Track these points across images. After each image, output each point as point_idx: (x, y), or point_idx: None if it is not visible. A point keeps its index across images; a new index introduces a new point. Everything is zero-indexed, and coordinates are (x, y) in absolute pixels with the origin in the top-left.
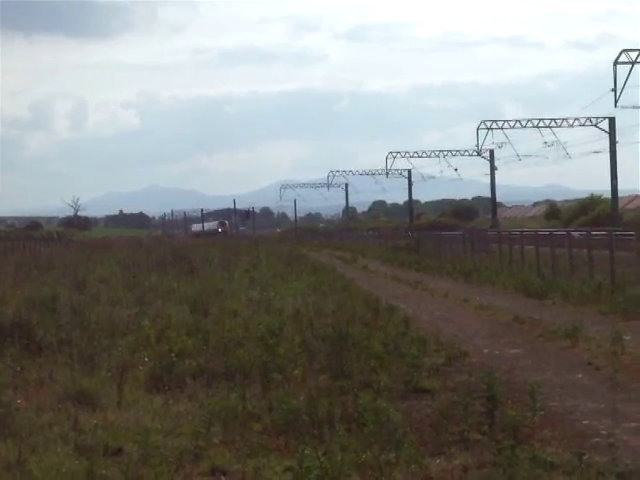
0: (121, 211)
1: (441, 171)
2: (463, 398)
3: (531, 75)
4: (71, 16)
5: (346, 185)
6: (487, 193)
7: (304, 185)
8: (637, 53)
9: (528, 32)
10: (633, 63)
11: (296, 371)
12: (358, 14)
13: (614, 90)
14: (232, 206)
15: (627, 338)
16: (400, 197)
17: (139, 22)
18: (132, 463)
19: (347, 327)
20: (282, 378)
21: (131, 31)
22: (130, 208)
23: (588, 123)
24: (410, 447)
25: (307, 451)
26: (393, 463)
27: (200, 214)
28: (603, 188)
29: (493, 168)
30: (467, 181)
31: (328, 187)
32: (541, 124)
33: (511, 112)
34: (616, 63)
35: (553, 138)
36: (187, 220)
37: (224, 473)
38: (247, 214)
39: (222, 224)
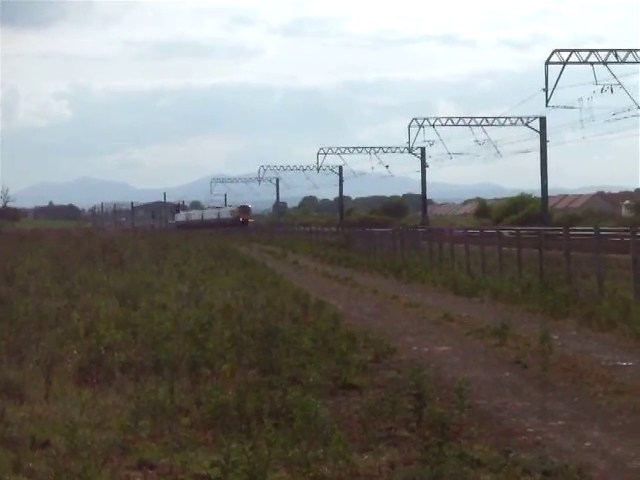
0: (51, 202)
1: (372, 167)
2: (391, 395)
3: (464, 73)
4: (5, 4)
5: (277, 180)
6: (418, 190)
7: (235, 179)
8: (568, 53)
9: (461, 30)
10: (564, 63)
11: (225, 366)
12: (293, 9)
13: (545, 90)
14: (162, 199)
15: (555, 337)
16: (331, 193)
17: (75, 12)
18: (59, 456)
19: (276, 322)
20: (211, 372)
21: (66, 20)
22: (61, 200)
23: (519, 122)
24: (338, 443)
25: (234, 445)
26: (321, 459)
27: (130, 207)
28: (533, 187)
29: (424, 165)
30: (398, 178)
31: (259, 182)
32: (473, 122)
33: (444, 109)
34: (547, 63)
35: (484, 136)
36: (116, 213)
37: (151, 467)
38: (177, 208)
39: (244, 211)
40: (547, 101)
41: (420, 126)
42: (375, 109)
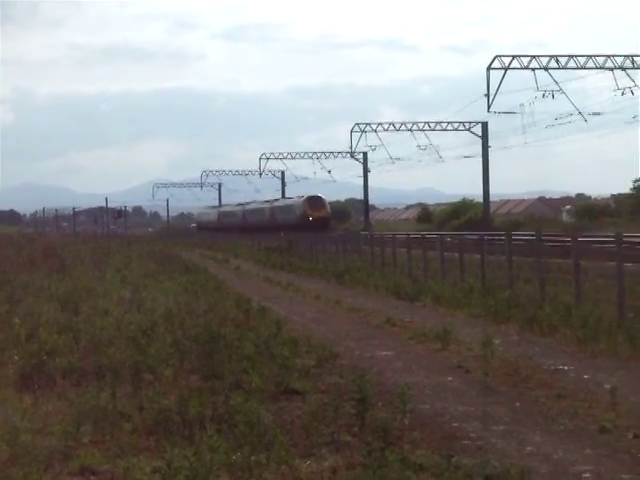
0: None
1: (314, 172)
2: (334, 400)
3: (407, 78)
4: None
5: (219, 185)
6: (360, 195)
7: (177, 184)
8: (510, 59)
9: (405, 35)
10: (506, 69)
11: (167, 371)
12: (236, 14)
13: (487, 95)
14: (104, 204)
15: (497, 342)
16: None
17: (19, 15)
18: (0, 462)
19: (219, 328)
20: (153, 378)
21: (10, 24)
22: (2, 205)
23: (461, 127)
24: (280, 448)
25: (177, 451)
26: (263, 464)
27: (72, 212)
28: (475, 192)
29: (366, 170)
30: (340, 183)
31: (201, 187)
32: (415, 127)
33: (387, 115)
34: (489, 68)
35: (427, 142)
36: (58, 218)
37: (93, 473)
38: (119, 213)
39: (315, 204)
40: (489, 106)
41: (362, 131)
42: (318, 114)
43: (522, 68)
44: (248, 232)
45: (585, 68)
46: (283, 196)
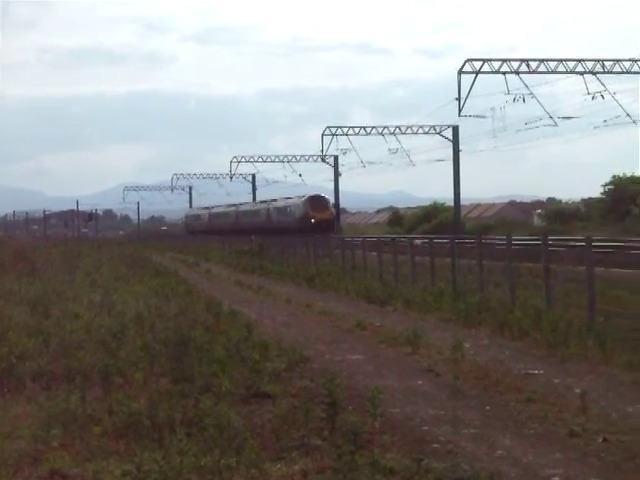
0: None
1: (285, 176)
2: (304, 403)
3: (378, 81)
4: None
5: (190, 188)
6: (331, 199)
7: (148, 187)
8: (481, 63)
9: (376, 38)
10: (477, 73)
11: (137, 374)
12: (207, 16)
13: (458, 99)
14: (75, 208)
15: (467, 345)
16: (245, 201)
17: None
18: None
19: (189, 331)
20: (123, 381)
21: None
22: None
23: (432, 131)
24: (250, 452)
25: (146, 455)
26: (233, 468)
27: (42, 215)
28: (446, 196)
29: (337, 174)
30: (311, 186)
31: (172, 190)
32: (386, 131)
33: (358, 118)
34: (460, 72)
35: (398, 145)
36: (28, 221)
37: (63, 476)
38: (90, 216)
39: (318, 204)
40: (460, 110)
41: (333, 135)
42: (289, 117)
43: (493, 72)
44: (242, 235)
45: (556, 72)
46: (254, 199)
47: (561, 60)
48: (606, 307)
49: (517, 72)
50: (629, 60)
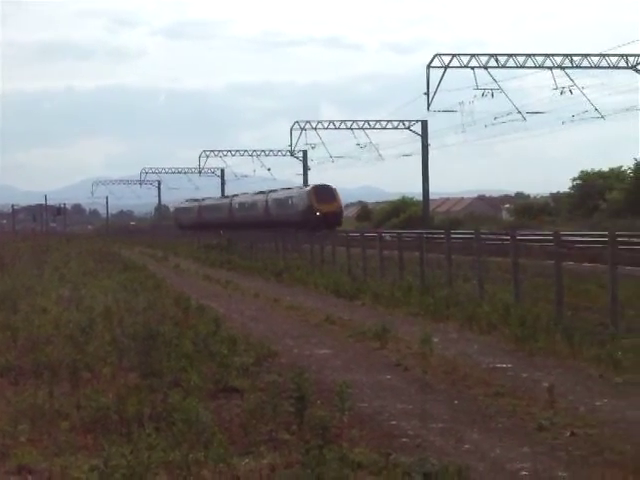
0: None
1: (254, 170)
2: (272, 398)
3: (348, 76)
4: None
5: (159, 183)
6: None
7: (116, 182)
8: (450, 57)
9: (346, 33)
10: (446, 67)
11: (105, 369)
12: (177, 11)
13: (427, 94)
14: (43, 202)
15: (436, 340)
16: (214, 196)
17: None
18: None
19: (158, 325)
20: (91, 376)
21: None
22: None
23: (401, 126)
24: (219, 446)
25: (114, 449)
26: (201, 462)
27: (11, 209)
28: (415, 190)
29: (306, 168)
30: (280, 181)
31: (141, 184)
32: (355, 125)
33: (328, 113)
34: (429, 67)
35: (367, 140)
36: None
37: (30, 472)
38: (58, 210)
39: (324, 196)
40: (428, 105)
41: (302, 129)
42: (259, 112)
43: (462, 67)
44: (236, 230)
45: (524, 67)
46: (223, 194)
47: (530, 55)
48: (574, 301)
49: (486, 67)
50: (597, 55)
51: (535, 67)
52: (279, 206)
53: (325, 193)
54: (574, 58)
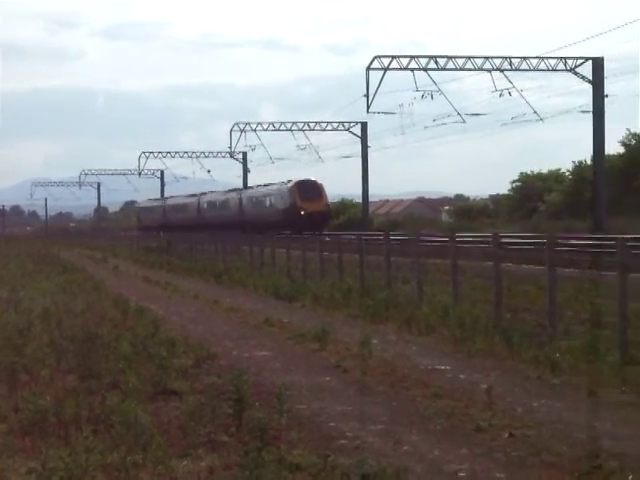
0: None
1: (194, 172)
2: (211, 400)
3: (287, 78)
4: None
5: (98, 184)
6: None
7: (56, 183)
8: (389, 59)
9: (286, 35)
10: (385, 69)
11: (44, 371)
12: (116, 12)
13: (367, 96)
14: None
15: (375, 341)
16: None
17: None
18: None
19: (96, 328)
20: (29, 378)
21: None
22: None
23: (341, 128)
24: (157, 449)
25: (52, 452)
26: (140, 464)
27: None
28: (355, 192)
29: (246, 170)
30: (220, 182)
31: (80, 186)
32: (295, 127)
33: (267, 115)
34: (369, 69)
35: (306, 142)
36: None
37: None
38: None
39: (308, 193)
40: (368, 107)
41: (242, 131)
42: (199, 113)
43: (401, 69)
44: (206, 231)
45: (464, 69)
46: (163, 195)
47: (469, 57)
48: (513, 303)
49: (425, 69)
50: (536, 58)
51: (474, 69)
52: (255, 205)
53: (310, 189)
54: (513, 61)
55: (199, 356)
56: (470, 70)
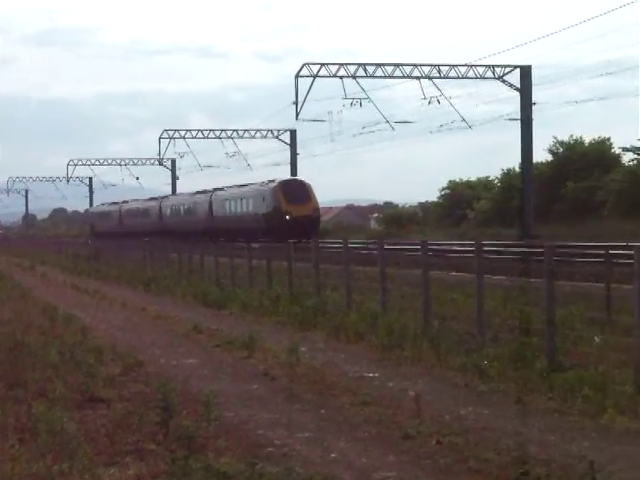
0: None
1: (122, 179)
2: (138, 408)
3: (217, 85)
4: None
5: (26, 191)
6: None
7: None
8: (318, 67)
9: (216, 42)
10: (314, 77)
11: None
12: (47, 18)
13: (296, 103)
14: None
15: (303, 349)
16: (81, 204)
17: None
18: None
19: (23, 336)
20: None
21: None
22: None
23: (270, 135)
24: (84, 457)
25: None
26: (66, 473)
27: None
28: None
29: (175, 177)
30: (149, 190)
31: (7, 193)
32: (224, 135)
33: (197, 122)
34: (298, 76)
35: (235, 149)
36: None
37: None
38: None
39: (293, 194)
40: (297, 114)
41: (171, 138)
42: (128, 121)
43: (330, 76)
44: (170, 239)
45: (392, 77)
46: (91, 203)
47: (398, 65)
48: (442, 310)
49: (354, 76)
50: (464, 65)
51: (403, 77)
52: (229, 209)
53: (296, 191)
54: (442, 68)
55: (127, 364)
56: (399, 78)
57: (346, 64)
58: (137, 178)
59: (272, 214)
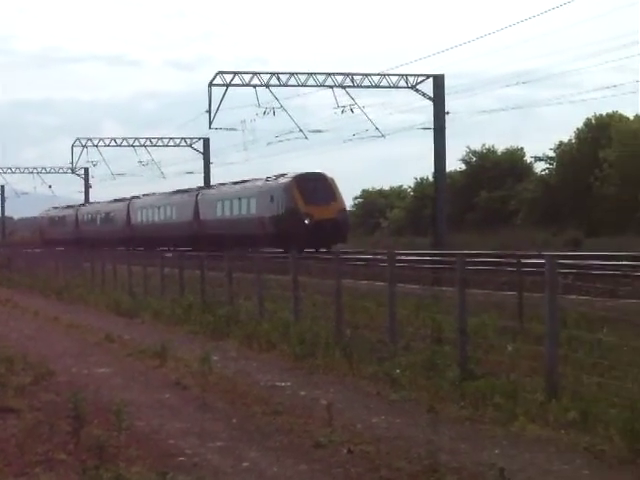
0: None
1: (35, 187)
2: (49, 418)
3: (130, 93)
4: None
5: None
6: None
7: None
8: (232, 75)
9: (128, 51)
10: (227, 85)
11: None
12: None
13: (209, 111)
14: None
15: (215, 358)
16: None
17: None
18: None
19: None
20: None
21: None
22: None
23: (183, 143)
24: None
25: None
26: None
27: None
28: None
29: (87, 186)
30: (62, 198)
31: None
32: (137, 143)
33: (110, 130)
34: (211, 85)
35: (149, 157)
36: None
37: None
38: None
39: (309, 194)
40: (210, 123)
41: (84, 146)
42: (40, 129)
43: (244, 85)
44: (141, 247)
45: (306, 86)
46: (3, 213)
47: (311, 73)
48: (354, 319)
49: (267, 85)
50: (378, 74)
51: (317, 86)
52: (222, 212)
53: (317, 187)
54: (355, 77)
55: (38, 373)
56: (312, 86)
57: (259, 73)
58: (50, 186)
59: (285, 217)
